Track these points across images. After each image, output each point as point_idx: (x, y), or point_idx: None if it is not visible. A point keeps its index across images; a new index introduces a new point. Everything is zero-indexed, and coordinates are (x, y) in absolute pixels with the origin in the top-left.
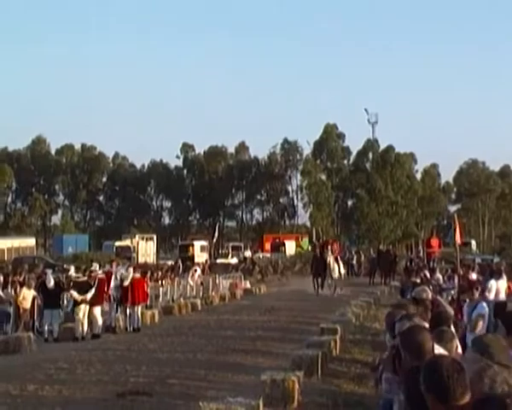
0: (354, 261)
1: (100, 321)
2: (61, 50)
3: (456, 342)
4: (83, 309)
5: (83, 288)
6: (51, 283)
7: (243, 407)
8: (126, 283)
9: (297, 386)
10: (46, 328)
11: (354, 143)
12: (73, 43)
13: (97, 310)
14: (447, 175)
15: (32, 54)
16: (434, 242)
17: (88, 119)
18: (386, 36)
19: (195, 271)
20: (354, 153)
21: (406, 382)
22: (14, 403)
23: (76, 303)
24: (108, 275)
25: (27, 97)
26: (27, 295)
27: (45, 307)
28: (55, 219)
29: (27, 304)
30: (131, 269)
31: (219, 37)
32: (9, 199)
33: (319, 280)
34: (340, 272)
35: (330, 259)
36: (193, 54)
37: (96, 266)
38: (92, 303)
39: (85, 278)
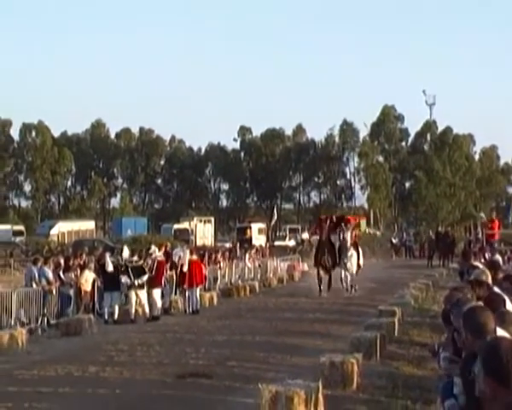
0: (412, 243)
1: (159, 303)
2: (116, 36)
3: None
4: (137, 293)
5: (137, 272)
6: (110, 266)
7: (302, 389)
8: (185, 267)
9: (356, 368)
10: (106, 310)
11: (412, 125)
12: (129, 27)
13: (156, 292)
14: (507, 157)
15: (89, 40)
16: (494, 223)
17: (146, 102)
18: (444, 15)
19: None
20: (412, 134)
21: (464, 366)
22: (76, 384)
23: (129, 287)
24: (167, 258)
25: (86, 82)
26: (88, 278)
27: (105, 289)
28: (114, 202)
29: (88, 286)
30: (188, 251)
31: (275, 18)
32: (69, 183)
33: (325, 274)
34: (358, 263)
35: (348, 243)
36: (249, 36)
37: (154, 249)
38: (151, 286)
39: (141, 262)
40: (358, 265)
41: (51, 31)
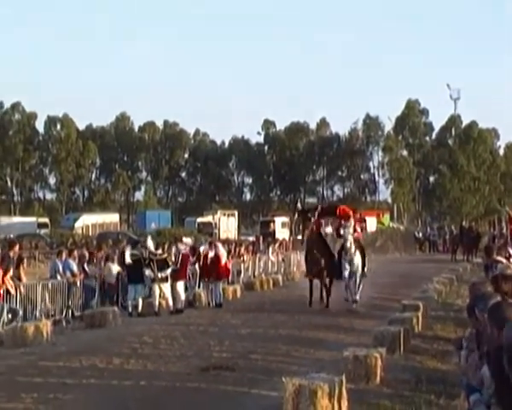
0: (436, 238)
1: (183, 296)
2: (141, 29)
3: None
4: (160, 286)
5: (160, 265)
6: (128, 259)
7: (326, 382)
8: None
9: (379, 362)
10: (130, 303)
11: (437, 119)
12: (154, 20)
13: (180, 285)
14: None
15: (114, 33)
16: None
17: (170, 96)
18: (468, 8)
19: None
20: (437, 129)
21: (493, 360)
22: (100, 376)
23: (153, 280)
24: (190, 251)
25: (111, 75)
26: (112, 270)
27: (129, 281)
28: (138, 195)
29: (112, 279)
30: (213, 244)
31: (300, 15)
32: (93, 175)
33: (318, 280)
34: (364, 266)
35: (348, 241)
36: (274, 30)
37: (187, 241)
38: (175, 278)
39: (165, 256)
40: (363, 271)
41: (76, 24)
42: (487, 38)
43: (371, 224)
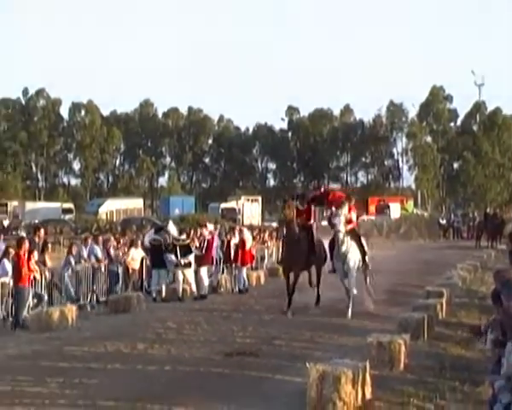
0: (460, 224)
1: (206, 282)
2: (164, 16)
3: None
4: (183, 271)
5: (183, 251)
6: (146, 242)
7: (350, 368)
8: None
9: (403, 349)
10: (154, 288)
11: (461, 105)
12: (177, 7)
13: (204, 271)
14: None
15: (138, 20)
16: None
17: (194, 82)
18: None
19: None
20: (461, 115)
21: None
22: (125, 361)
23: (176, 265)
24: (213, 236)
25: (135, 61)
26: (135, 256)
27: (153, 267)
28: (162, 180)
29: (136, 264)
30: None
31: (326, 2)
32: (118, 161)
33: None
34: (364, 258)
35: (340, 233)
36: (298, 17)
37: (210, 226)
38: (199, 264)
39: (188, 241)
40: (365, 263)
41: (100, 10)
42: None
43: (395, 210)
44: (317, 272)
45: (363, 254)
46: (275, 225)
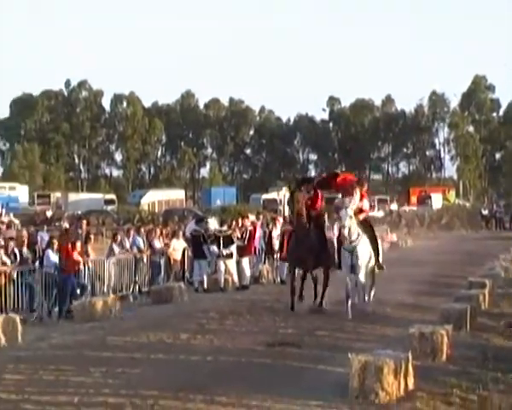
0: (503, 215)
1: (248, 272)
2: (206, 6)
3: None
4: (225, 262)
5: (225, 242)
6: (187, 232)
7: (392, 359)
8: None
9: (446, 340)
10: (195, 278)
11: (504, 95)
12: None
13: (246, 262)
14: None
15: (179, 11)
16: None
17: (236, 73)
18: None
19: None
20: (504, 105)
21: None
22: (168, 351)
23: (218, 256)
24: (255, 227)
25: (176, 52)
26: (177, 247)
27: (194, 257)
28: (204, 171)
29: (178, 255)
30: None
31: None
32: (159, 152)
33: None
34: (377, 256)
35: (347, 226)
36: (339, 7)
37: (252, 217)
38: (241, 255)
39: (230, 232)
40: (378, 263)
41: (141, 3)
42: None
43: (437, 201)
44: (324, 273)
45: (376, 251)
46: None
